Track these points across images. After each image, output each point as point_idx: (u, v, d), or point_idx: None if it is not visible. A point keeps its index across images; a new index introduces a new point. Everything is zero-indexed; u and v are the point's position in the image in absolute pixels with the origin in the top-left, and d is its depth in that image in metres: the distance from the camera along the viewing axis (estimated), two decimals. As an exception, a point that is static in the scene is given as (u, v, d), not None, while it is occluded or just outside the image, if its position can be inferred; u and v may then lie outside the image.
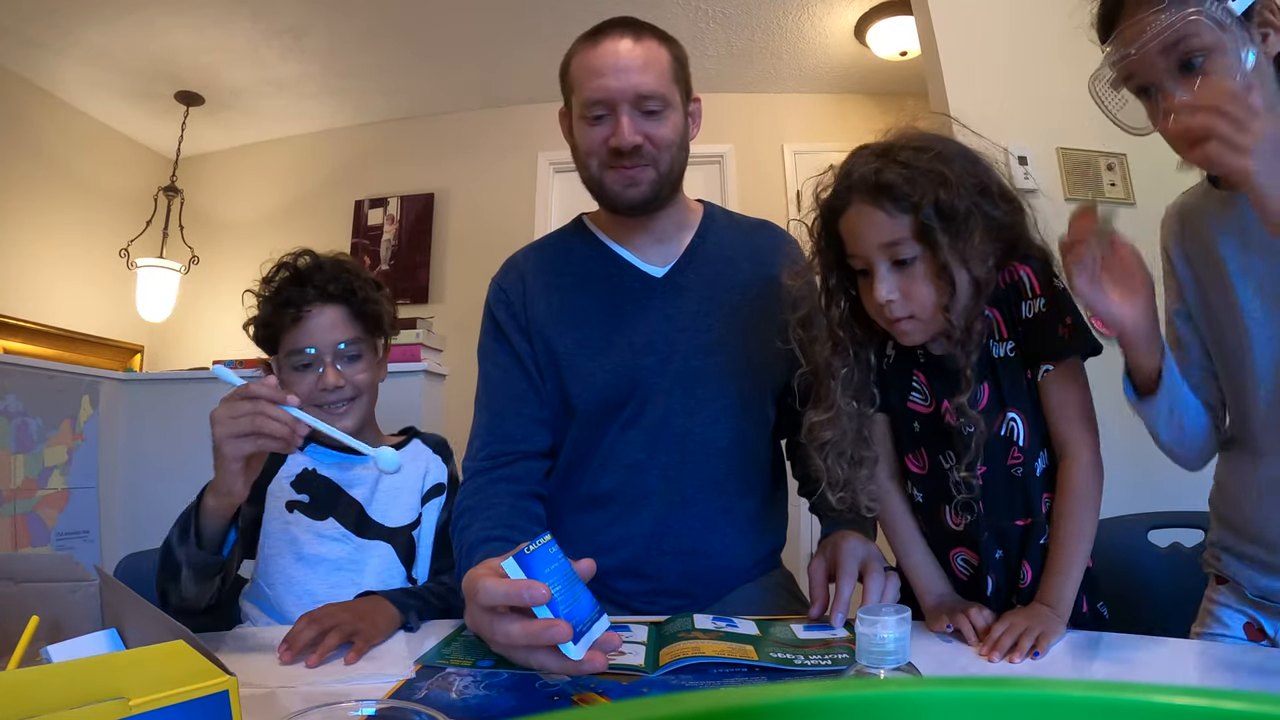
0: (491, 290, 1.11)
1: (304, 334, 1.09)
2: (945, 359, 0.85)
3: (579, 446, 1.03)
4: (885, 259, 0.80)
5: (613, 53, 0.97)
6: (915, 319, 0.82)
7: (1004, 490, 0.84)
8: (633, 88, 0.96)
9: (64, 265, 3.12)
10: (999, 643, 0.74)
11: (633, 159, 0.98)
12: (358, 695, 0.65)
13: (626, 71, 0.96)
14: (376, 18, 2.86)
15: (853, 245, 0.83)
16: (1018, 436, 0.83)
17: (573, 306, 1.05)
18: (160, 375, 2.83)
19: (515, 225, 3.36)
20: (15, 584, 0.62)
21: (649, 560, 0.99)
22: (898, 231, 0.79)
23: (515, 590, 0.65)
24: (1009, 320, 0.83)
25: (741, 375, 1.04)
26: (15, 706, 0.39)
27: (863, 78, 3.27)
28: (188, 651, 0.45)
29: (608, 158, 0.99)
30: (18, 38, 2.75)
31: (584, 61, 0.99)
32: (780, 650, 0.75)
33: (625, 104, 0.96)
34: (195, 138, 3.43)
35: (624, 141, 0.96)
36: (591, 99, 0.97)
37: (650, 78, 0.97)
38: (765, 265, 1.08)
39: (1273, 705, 0.17)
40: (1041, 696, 0.18)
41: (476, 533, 0.89)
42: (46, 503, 2.22)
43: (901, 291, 0.80)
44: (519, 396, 1.04)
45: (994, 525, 0.84)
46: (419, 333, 2.42)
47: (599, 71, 0.97)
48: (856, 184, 0.81)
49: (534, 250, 1.14)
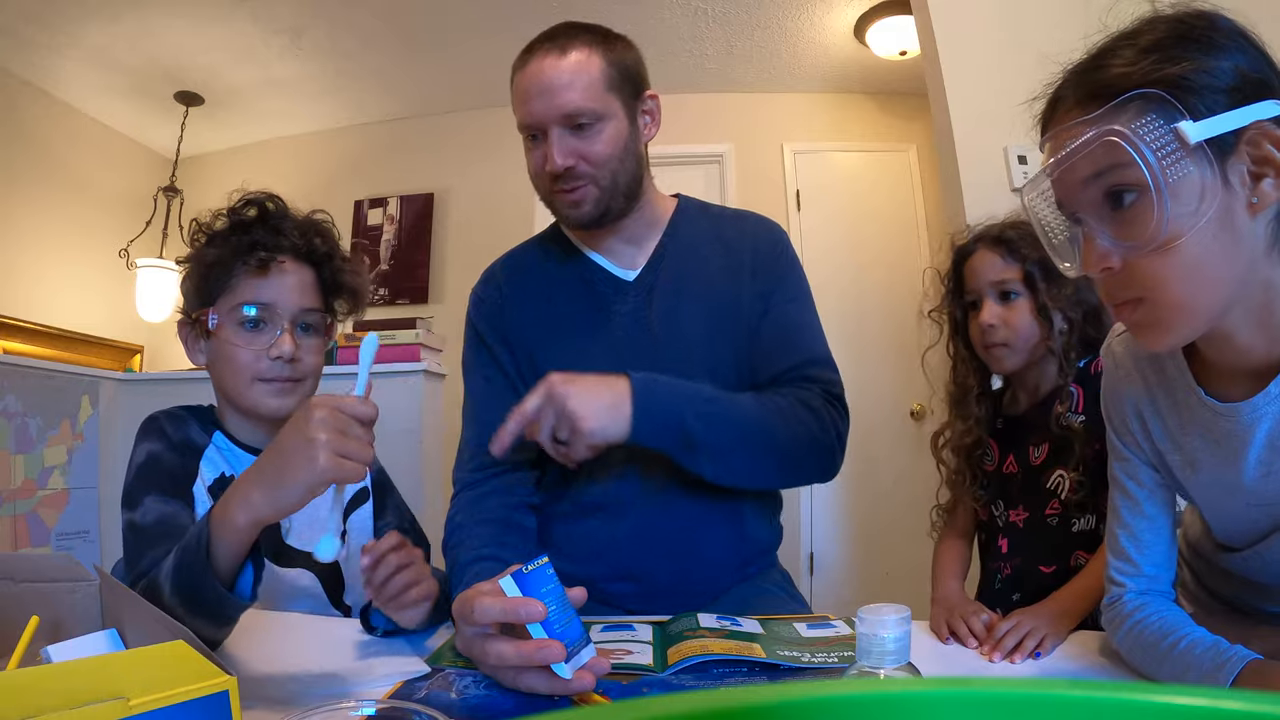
0: (471, 301, 1.10)
1: (267, 286, 0.93)
2: (1022, 418, 1.06)
3: None
4: (994, 292, 1.03)
5: (537, 73, 0.93)
6: (1008, 346, 1.01)
7: (1038, 535, 0.99)
8: (557, 109, 0.92)
9: (64, 265, 3.12)
10: (1002, 642, 0.74)
11: (569, 181, 0.95)
12: (358, 695, 0.65)
13: (550, 91, 0.92)
14: (376, 18, 2.86)
15: (971, 281, 1.06)
16: (1060, 490, 0.99)
17: (550, 314, 1.04)
18: (160, 375, 2.83)
19: (515, 225, 3.34)
20: (15, 584, 0.62)
21: (638, 562, 0.99)
22: (1008, 273, 1.01)
23: (512, 608, 0.65)
24: (1090, 400, 0.97)
25: (718, 370, 1.01)
26: (15, 706, 0.39)
27: (863, 77, 3.27)
28: (188, 651, 0.45)
29: (548, 181, 0.97)
30: (18, 38, 2.75)
31: (516, 84, 0.97)
32: (786, 648, 0.75)
33: (554, 126, 0.93)
34: (195, 138, 3.43)
35: (554, 166, 0.93)
36: (522, 123, 0.96)
37: (576, 94, 0.92)
38: (734, 253, 1.06)
39: (1273, 705, 0.17)
40: (1041, 696, 0.18)
41: (467, 552, 0.88)
42: (46, 503, 2.22)
43: (1001, 319, 1.01)
44: (503, 407, 1.00)
45: (1024, 569, 0.87)
46: (418, 333, 2.42)
47: (526, 95, 0.94)
48: (983, 235, 1.06)
49: (510, 258, 1.13)
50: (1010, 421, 1.09)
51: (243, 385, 0.93)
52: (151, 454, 0.90)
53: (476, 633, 0.68)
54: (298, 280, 0.96)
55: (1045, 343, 1.00)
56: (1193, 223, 0.54)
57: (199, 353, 0.97)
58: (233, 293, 0.92)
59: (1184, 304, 0.57)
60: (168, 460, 0.90)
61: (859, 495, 3.02)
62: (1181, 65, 0.54)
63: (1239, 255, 0.55)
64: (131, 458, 0.90)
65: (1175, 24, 0.57)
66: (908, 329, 3.20)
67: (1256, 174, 0.54)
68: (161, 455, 0.90)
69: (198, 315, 0.94)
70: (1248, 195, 0.54)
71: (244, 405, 0.95)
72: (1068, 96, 0.60)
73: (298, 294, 0.95)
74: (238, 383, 0.93)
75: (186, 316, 0.97)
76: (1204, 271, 0.55)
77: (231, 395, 0.96)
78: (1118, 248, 0.57)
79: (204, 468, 0.92)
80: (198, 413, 0.99)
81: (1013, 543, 1.01)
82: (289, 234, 0.95)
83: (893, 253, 3.24)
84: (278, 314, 0.93)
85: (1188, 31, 0.56)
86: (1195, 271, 0.55)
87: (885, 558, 3.00)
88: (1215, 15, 0.57)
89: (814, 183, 3.33)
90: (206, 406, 1.01)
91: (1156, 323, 0.59)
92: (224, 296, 0.93)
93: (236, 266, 0.92)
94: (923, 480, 3.40)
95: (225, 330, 0.92)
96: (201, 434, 0.95)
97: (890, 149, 3.34)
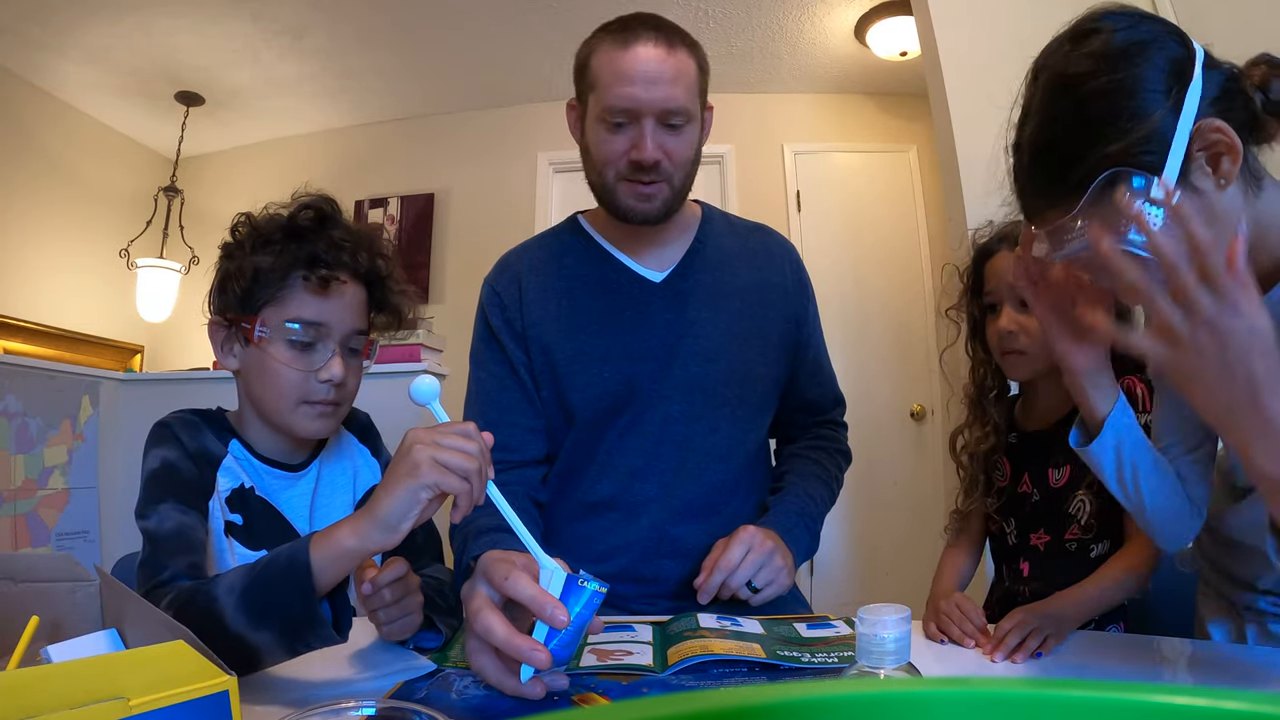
0: (485, 292, 1.07)
1: (324, 305, 0.88)
2: (1041, 436, 1.01)
3: (576, 453, 1.03)
4: (1014, 298, 0.96)
5: (644, 59, 0.91)
6: (1024, 354, 0.97)
7: (1057, 558, 0.97)
8: (660, 102, 0.92)
9: (64, 265, 3.12)
10: (1004, 641, 0.75)
11: (650, 174, 0.95)
12: (358, 695, 0.65)
13: (657, 83, 0.91)
14: (376, 18, 2.86)
15: (991, 282, 1.01)
16: (1081, 516, 0.96)
17: (570, 311, 1.03)
18: (160, 375, 2.83)
19: (515, 225, 3.35)
20: (15, 584, 0.62)
21: (648, 564, 0.99)
22: None
23: (543, 603, 0.62)
24: None
25: (740, 381, 1.03)
26: (15, 706, 0.39)
27: (863, 78, 3.27)
28: (188, 651, 0.45)
29: (625, 169, 0.95)
30: (18, 38, 2.75)
31: (612, 63, 0.93)
32: (786, 648, 0.75)
33: (650, 117, 0.92)
34: (195, 138, 3.43)
35: (646, 156, 0.93)
36: (616, 106, 0.92)
37: (679, 92, 0.92)
38: (762, 269, 1.08)
39: (1273, 705, 0.17)
40: (1041, 696, 0.18)
41: (485, 521, 0.82)
42: (46, 503, 2.22)
43: (1020, 326, 0.96)
44: (513, 406, 1.02)
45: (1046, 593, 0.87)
46: (419, 333, 2.41)
47: (628, 78, 0.91)
48: (1007, 234, 1.00)
49: (528, 250, 1.10)
50: (1027, 439, 1.04)
51: (286, 406, 0.88)
52: (167, 461, 0.85)
53: (488, 595, 0.66)
54: (352, 299, 0.91)
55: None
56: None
57: (230, 356, 0.91)
58: (283, 305, 0.87)
59: None
60: (185, 469, 0.85)
61: (859, 495, 3.02)
62: (1126, 136, 0.58)
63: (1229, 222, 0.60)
64: (144, 464, 0.86)
65: (1090, 78, 0.60)
66: (908, 329, 3.22)
67: (1213, 158, 0.59)
68: (178, 463, 0.85)
69: (241, 321, 0.88)
70: (1214, 180, 0.59)
71: (281, 424, 0.90)
72: (1035, 189, 0.64)
73: (351, 314, 0.91)
74: (280, 402, 0.88)
75: (222, 318, 0.90)
76: None
77: (269, 412, 0.90)
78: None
79: (221, 479, 0.87)
80: (210, 418, 0.93)
81: (1034, 566, 0.99)
82: (348, 250, 0.90)
83: (893, 253, 3.23)
84: (330, 334, 0.88)
85: (1105, 87, 0.59)
86: None
87: (885, 558, 3.01)
88: (1110, 45, 0.60)
89: (814, 183, 3.33)
90: (217, 411, 0.95)
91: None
92: (272, 307, 0.87)
93: (293, 278, 0.87)
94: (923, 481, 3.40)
95: (272, 345, 0.86)
96: (217, 443, 0.90)
97: (890, 149, 3.34)
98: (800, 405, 1.14)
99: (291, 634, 0.65)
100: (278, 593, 0.64)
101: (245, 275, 0.87)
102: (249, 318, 0.87)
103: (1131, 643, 0.80)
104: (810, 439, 1.15)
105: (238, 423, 0.95)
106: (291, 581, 0.64)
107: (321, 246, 0.88)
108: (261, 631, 0.64)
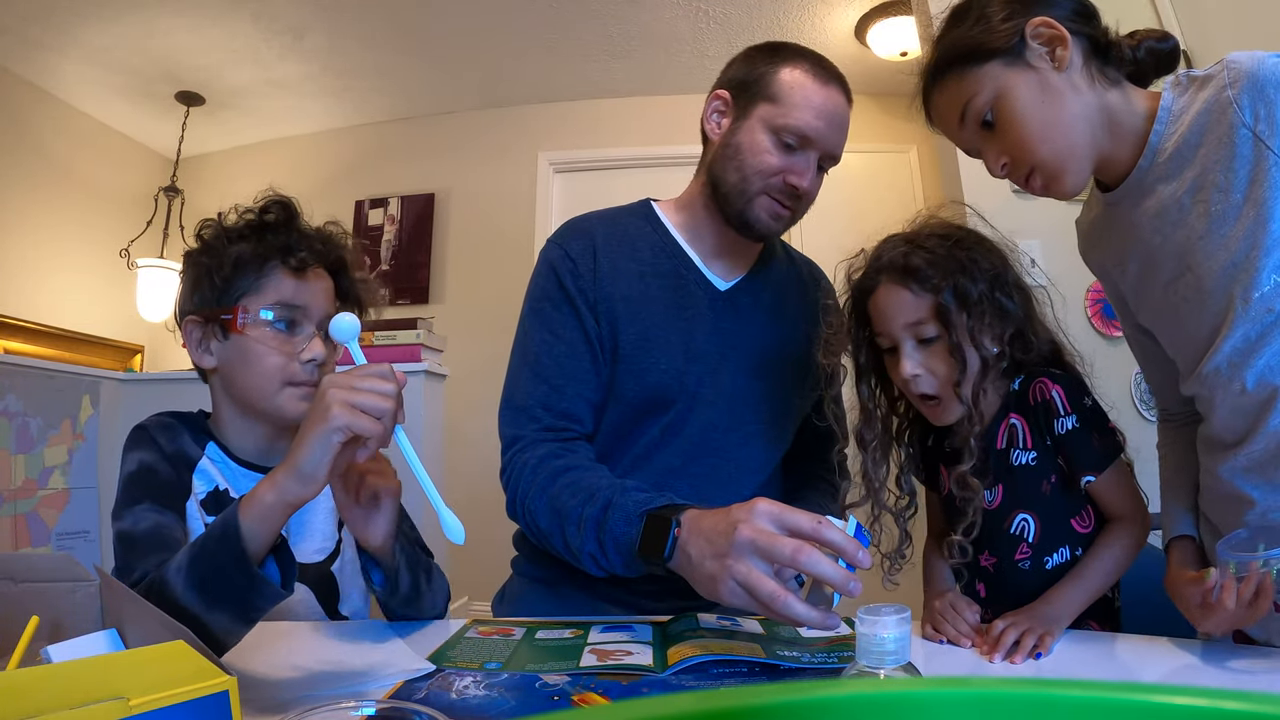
0: (555, 254, 1.04)
1: (301, 287, 0.91)
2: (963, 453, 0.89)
3: (610, 440, 1.03)
4: (910, 337, 0.86)
5: (836, 104, 1.00)
6: (939, 399, 0.86)
7: (1010, 580, 0.89)
8: (834, 146, 1.01)
9: (64, 265, 3.12)
10: (1001, 641, 0.74)
11: (793, 201, 1.01)
12: (358, 695, 0.65)
13: (839, 129, 1.01)
14: (376, 18, 2.86)
15: (880, 324, 0.88)
16: (1027, 535, 0.88)
17: (639, 296, 1.03)
18: (160, 375, 2.83)
19: (515, 225, 3.36)
20: (15, 584, 0.62)
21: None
22: (921, 311, 0.84)
23: (851, 548, 0.68)
24: (1035, 433, 0.87)
25: (778, 400, 1.06)
26: (15, 706, 0.39)
27: (863, 78, 3.26)
28: (188, 651, 0.45)
29: (776, 185, 0.99)
30: (18, 38, 2.75)
31: (808, 91, 0.99)
32: (786, 648, 0.75)
33: (818, 153, 1.00)
34: (195, 138, 3.44)
35: (803, 184, 0.99)
36: (801, 130, 0.98)
37: (844, 143, 1.03)
38: (810, 301, 1.10)
39: (1273, 705, 0.17)
40: (1041, 696, 0.18)
41: (604, 478, 0.89)
42: (46, 503, 2.22)
43: (926, 368, 0.85)
44: (580, 377, 1.00)
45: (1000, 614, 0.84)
46: (419, 333, 2.42)
47: (822, 114, 0.98)
48: (885, 266, 0.87)
49: (606, 223, 1.09)
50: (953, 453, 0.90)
51: (270, 389, 0.90)
52: (144, 463, 0.86)
53: (770, 526, 0.70)
54: (324, 287, 0.94)
55: (955, 389, 0.85)
56: (1031, 108, 0.74)
57: (206, 354, 0.92)
58: (262, 292, 0.89)
59: (1056, 155, 0.75)
60: (162, 471, 0.87)
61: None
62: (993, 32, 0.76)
63: (1071, 103, 0.74)
64: (122, 467, 0.87)
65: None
66: (908, 329, 3.21)
67: (1050, 50, 0.74)
68: (155, 465, 0.87)
69: (219, 313, 0.90)
70: (1051, 64, 0.74)
71: (267, 409, 0.91)
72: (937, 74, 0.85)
73: (325, 299, 0.94)
74: (265, 386, 0.90)
75: (199, 314, 0.91)
76: (1054, 128, 0.74)
77: (254, 398, 0.91)
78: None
79: (196, 481, 0.88)
80: (188, 420, 0.94)
81: (989, 588, 0.92)
82: (317, 239, 0.94)
83: (893, 253, 3.23)
84: (310, 316, 0.92)
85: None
86: (1050, 130, 0.75)
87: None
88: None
89: (814, 183, 3.33)
90: (197, 413, 0.96)
91: (1051, 178, 0.77)
92: (251, 296, 0.89)
93: (269, 266, 0.90)
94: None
95: (255, 330, 0.88)
96: (194, 445, 0.91)
97: (890, 149, 3.34)
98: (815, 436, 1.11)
99: (240, 601, 0.66)
100: (218, 562, 0.66)
101: (225, 266, 0.90)
102: (229, 309, 0.89)
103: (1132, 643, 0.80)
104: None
105: (215, 425, 0.95)
106: (226, 548, 0.65)
107: (294, 237, 0.92)
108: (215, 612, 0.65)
